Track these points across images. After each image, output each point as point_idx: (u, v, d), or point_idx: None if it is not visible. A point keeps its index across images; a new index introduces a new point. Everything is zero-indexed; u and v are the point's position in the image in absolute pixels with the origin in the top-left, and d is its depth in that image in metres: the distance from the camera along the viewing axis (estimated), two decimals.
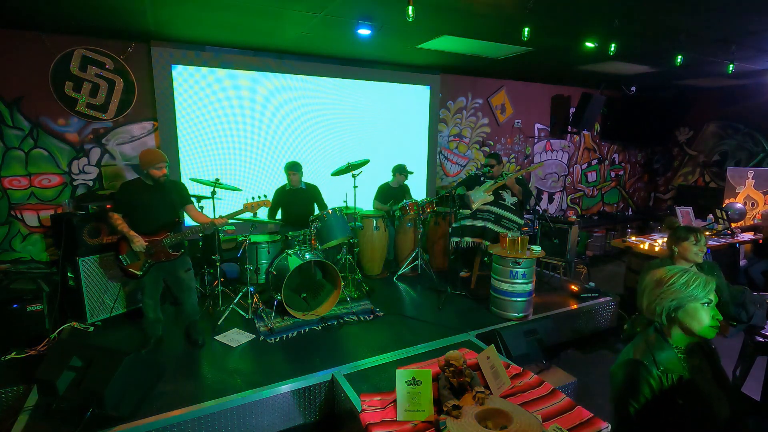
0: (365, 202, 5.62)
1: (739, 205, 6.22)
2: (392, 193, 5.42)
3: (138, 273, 3.21)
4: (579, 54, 5.01)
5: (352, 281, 4.67)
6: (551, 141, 7.95)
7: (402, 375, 2.47)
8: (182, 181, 4.76)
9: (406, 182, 5.54)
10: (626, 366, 1.44)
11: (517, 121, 7.44)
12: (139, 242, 3.13)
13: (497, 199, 4.53)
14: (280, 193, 4.52)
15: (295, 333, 3.68)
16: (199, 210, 3.73)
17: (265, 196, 3.68)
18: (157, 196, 3.27)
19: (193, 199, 3.67)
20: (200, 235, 3.59)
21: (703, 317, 1.39)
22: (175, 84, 4.84)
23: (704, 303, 1.39)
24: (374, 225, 5.05)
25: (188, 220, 3.53)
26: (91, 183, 4.69)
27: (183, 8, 3.63)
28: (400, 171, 5.37)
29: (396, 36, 4.47)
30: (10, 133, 4.29)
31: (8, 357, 3.27)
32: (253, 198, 3.55)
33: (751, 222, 6.25)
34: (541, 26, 3.91)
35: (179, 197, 3.41)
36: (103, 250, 3.88)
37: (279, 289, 3.75)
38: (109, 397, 2.42)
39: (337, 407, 2.97)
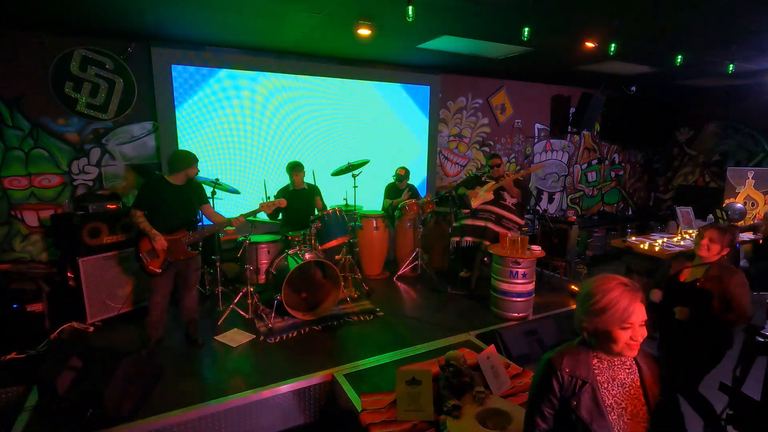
0: (365, 202, 5.62)
1: (739, 205, 6.22)
2: (399, 193, 5.42)
3: (157, 270, 3.22)
4: (579, 54, 5.01)
5: (352, 281, 4.67)
6: (551, 141, 7.95)
7: (402, 375, 2.47)
8: None
9: (410, 182, 5.54)
10: (541, 363, 1.48)
11: (517, 121, 7.44)
12: (161, 242, 3.15)
13: (498, 199, 4.53)
14: (284, 193, 4.52)
15: (295, 333, 3.68)
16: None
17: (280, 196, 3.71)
18: (179, 195, 3.30)
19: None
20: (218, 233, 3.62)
21: (620, 339, 1.34)
22: (175, 84, 4.83)
23: (624, 327, 1.33)
24: (374, 225, 5.05)
25: (203, 220, 3.56)
26: (91, 183, 4.69)
27: (183, 8, 3.63)
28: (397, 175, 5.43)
29: (396, 36, 4.47)
30: (10, 133, 4.28)
31: (8, 357, 3.26)
32: (268, 198, 3.56)
33: (751, 222, 6.25)
34: (541, 26, 3.91)
35: (197, 197, 3.43)
36: (104, 250, 3.88)
37: (279, 289, 3.75)
38: (109, 397, 2.42)
39: (337, 407, 2.97)
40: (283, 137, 5.52)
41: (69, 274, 3.81)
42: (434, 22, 3.94)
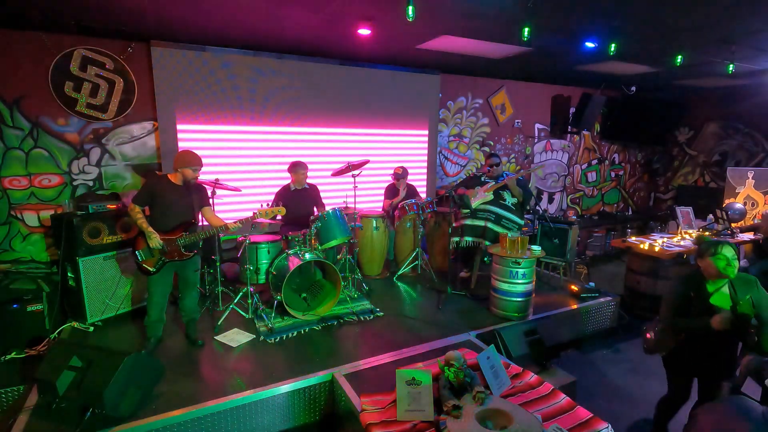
0: (365, 202, 5.62)
1: (739, 205, 6.22)
2: (398, 193, 5.41)
3: (151, 269, 3.23)
4: (579, 54, 5.01)
5: (352, 281, 4.67)
6: (551, 141, 7.95)
7: (402, 375, 2.47)
8: None
9: (410, 181, 5.53)
10: None
11: (517, 121, 7.44)
12: (156, 240, 3.16)
13: (497, 199, 4.53)
14: (284, 193, 4.52)
15: (295, 333, 3.68)
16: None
17: (278, 204, 3.72)
18: (180, 196, 3.29)
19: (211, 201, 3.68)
20: (214, 235, 3.61)
21: None
22: (174, 84, 4.83)
23: None
24: (374, 225, 5.05)
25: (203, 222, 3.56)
26: (91, 183, 4.69)
27: (183, 8, 3.63)
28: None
29: (396, 36, 4.47)
30: (10, 133, 4.28)
31: (8, 357, 3.27)
32: (267, 205, 3.58)
33: (751, 222, 6.25)
34: (541, 26, 3.91)
35: (199, 199, 3.42)
36: (104, 250, 3.87)
37: (279, 289, 3.75)
38: (109, 397, 2.42)
39: (337, 407, 2.97)
40: (282, 137, 5.51)
41: (69, 274, 3.81)
42: (434, 22, 3.94)
